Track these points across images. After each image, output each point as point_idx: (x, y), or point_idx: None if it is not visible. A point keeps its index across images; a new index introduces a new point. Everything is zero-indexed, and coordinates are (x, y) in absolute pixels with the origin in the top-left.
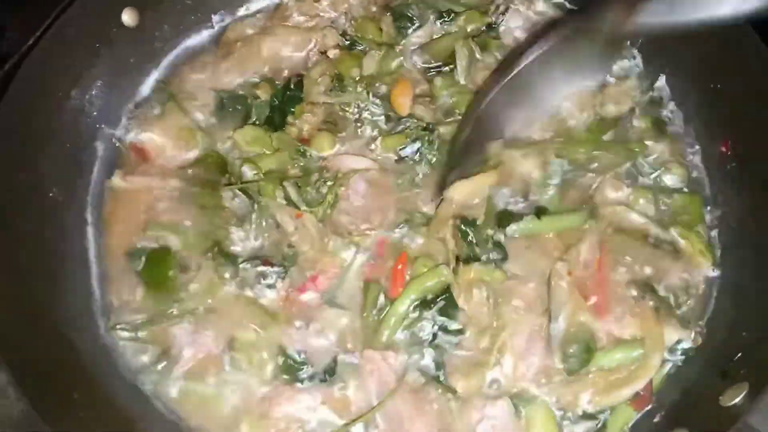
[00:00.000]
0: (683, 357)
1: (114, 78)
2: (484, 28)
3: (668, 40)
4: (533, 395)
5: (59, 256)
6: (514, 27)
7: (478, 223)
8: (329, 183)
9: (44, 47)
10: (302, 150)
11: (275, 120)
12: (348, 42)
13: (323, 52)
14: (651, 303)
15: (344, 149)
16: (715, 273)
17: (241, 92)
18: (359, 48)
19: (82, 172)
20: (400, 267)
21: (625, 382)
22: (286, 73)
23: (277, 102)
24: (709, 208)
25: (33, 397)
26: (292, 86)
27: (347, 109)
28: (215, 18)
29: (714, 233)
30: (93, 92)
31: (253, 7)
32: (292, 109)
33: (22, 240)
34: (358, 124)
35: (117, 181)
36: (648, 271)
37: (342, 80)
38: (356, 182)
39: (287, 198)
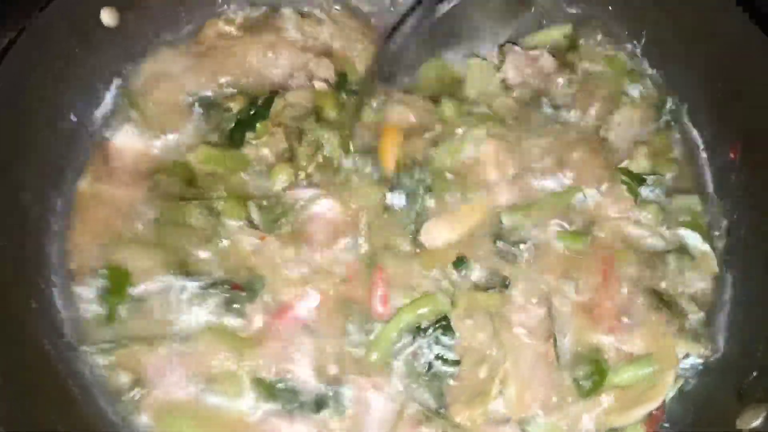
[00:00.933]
0: (695, 373)
1: (92, 80)
2: None
3: (672, 42)
4: (542, 421)
5: (26, 262)
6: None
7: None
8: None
9: (20, 48)
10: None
11: (235, 135)
12: (337, 80)
13: (310, 79)
14: (660, 317)
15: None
16: (725, 284)
17: (213, 99)
18: (345, 91)
19: (56, 178)
20: (380, 285)
21: (639, 401)
22: (263, 87)
23: (241, 117)
24: (716, 215)
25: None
26: (259, 102)
27: (308, 144)
28: (197, 19)
29: (724, 242)
30: (69, 95)
31: (241, 11)
32: (257, 125)
33: None
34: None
35: (84, 185)
36: (655, 284)
37: (318, 116)
38: (318, 214)
39: (249, 220)
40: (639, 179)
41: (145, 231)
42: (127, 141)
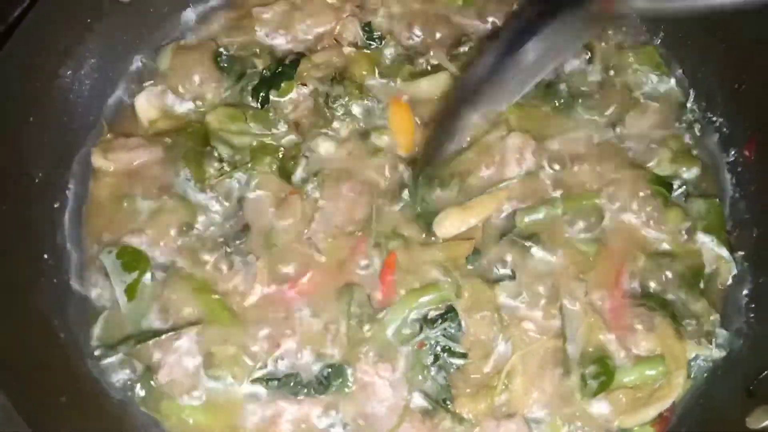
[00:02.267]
0: (705, 373)
1: (105, 55)
2: None
3: (691, 38)
4: (547, 418)
5: (43, 254)
6: None
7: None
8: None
9: (31, 20)
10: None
11: (259, 92)
12: (367, 35)
13: (337, 40)
14: (670, 318)
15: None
16: (736, 283)
17: (239, 56)
18: (377, 45)
19: (67, 154)
20: (388, 270)
21: (649, 401)
22: (290, 47)
23: (268, 74)
24: (729, 214)
25: (15, 396)
26: (287, 62)
27: (335, 104)
28: None
29: (740, 244)
30: (83, 70)
31: None
32: (281, 85)
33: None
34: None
35: (98, 160)
36: (666, 286)
37: (344, 78)
38: (340, 185)
39: (282, 173)
40: (667, 185)
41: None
42: (148, 102)
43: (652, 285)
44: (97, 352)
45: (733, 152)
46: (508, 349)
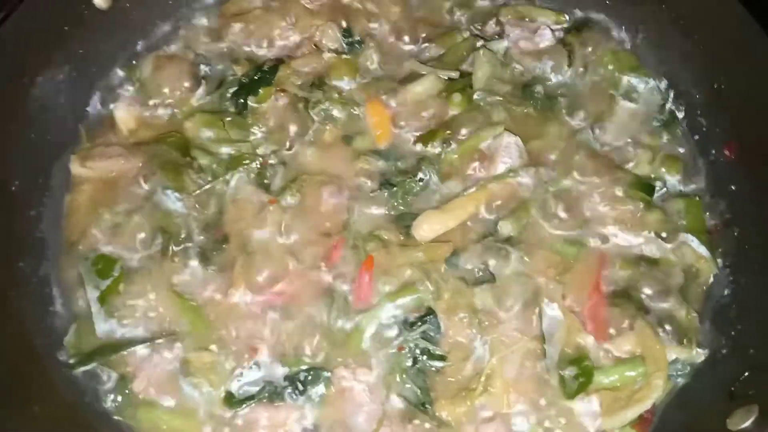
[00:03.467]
0: (686, 374)
1: (84, 63)
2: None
3: (670, 38)
4: (528, 420)
5: (17, 261)
6: (516, 38)
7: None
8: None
9: (10, 28)
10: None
11: (238, 98)
12: (347, 41)
13: (316, 46)
14: (650, 320)
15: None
16: (717, 284)
17: (218, 65)
18: (357, 49)
19: (45, 162)
20: (366, 273)
21: (629, 403)
22: (269, 53)
23: (246, 80)
24: (709, 214)
25: None
26: (265, 68)
27: (314, 108)
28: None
29: (720, 243)
30: (61, 78)
31: None
32: (259, 91)
33: None
34: (323, 126)
35: (76, 168)
36: (646, 286)
37: (323, 83)
38: (319, 190)
39: (259, 181)
40: (649, 188)
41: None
42: (127, 111)
43: (632, 287)
44: (71, 361)
45: (713, 152)
46: (487, 351)
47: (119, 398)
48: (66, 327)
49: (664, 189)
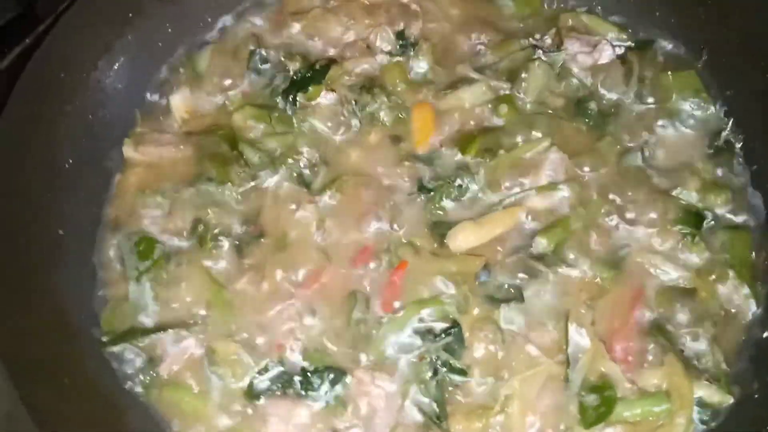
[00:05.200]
0: (714, 418)
1: (144, 51)
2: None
3: (735, 64)
4: None
5: (63, 237)
6: (575, 52)
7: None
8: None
9: (73, 14)
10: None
11: (288, 94)
12: (401, 43)
13: (369, 47)
14: (679, 357)
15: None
16: (756, 324)
17: (273, 61)
18: (410, 51)
19: (99, 144)
20: (397, 278)
21: None
22: (323, 52)
23: (297, 77)
24: (755, 251)
25: (25, 393)
26: (317, 66)
27: (362, 110)
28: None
29: (761, 277)
30: (120, 63)
31: None
32: (309, 88)
33: (28, 211)
34: (369, 127)
35: (128, 150)
36: (680, 320)
37: (373, 85)
38: (359, 191)
39: (300, 179)
40: (698, 218)
41: (185, 190)
42: (182, 101)
43: (665, 319)
44: (104, 339)
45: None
46: (509, 370)
47: (146, 379)
48: (103, 306)
49: (713, 222)
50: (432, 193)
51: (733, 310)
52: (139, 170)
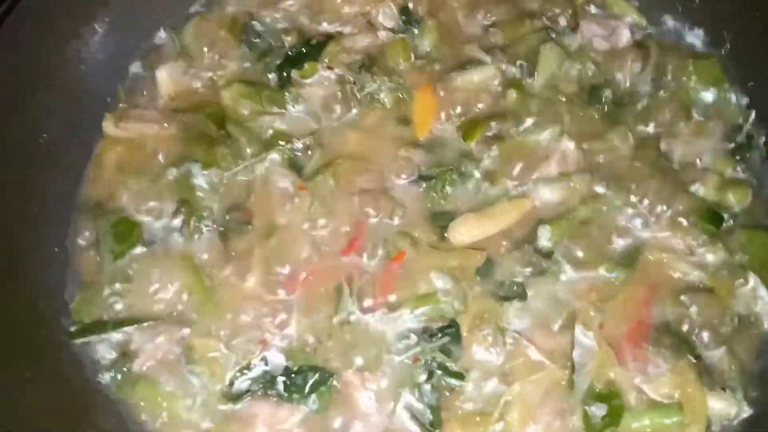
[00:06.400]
0: (729, 430)
1: (128, 22)
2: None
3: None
4: None
5: (35, 215)
6: (591, 35)
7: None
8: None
9: None
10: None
11: (282, 70)
12: (405, 21)
13: (371, 23)
14: (693, 364)
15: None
16: None
17: (265, 34)
18: (414, 28)
19: (78, 118)
20: (392, 271)
21: None
22: (320, 27)
23: (292, 53)
24: None
25: None
26: (314, 42)
27: (361, 89)
28: None
29: None
30: (103, 32)
31: None
32: (304, 65)
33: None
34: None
35: (109, 127)
36: (695, 323)
37: (373, 63)
38: (354, 177)
39: (291, 163)
40: (717, 218)
41: (167, 171)
42: (169, 76)
43: (679, 322)
44: (72, 329)
45: None
46: (510, 375)
47: (118, 376)
48: (74, 294)
49: (732, 221)
50: (433, 181)
51: (751, 314)
52: (120, 148)
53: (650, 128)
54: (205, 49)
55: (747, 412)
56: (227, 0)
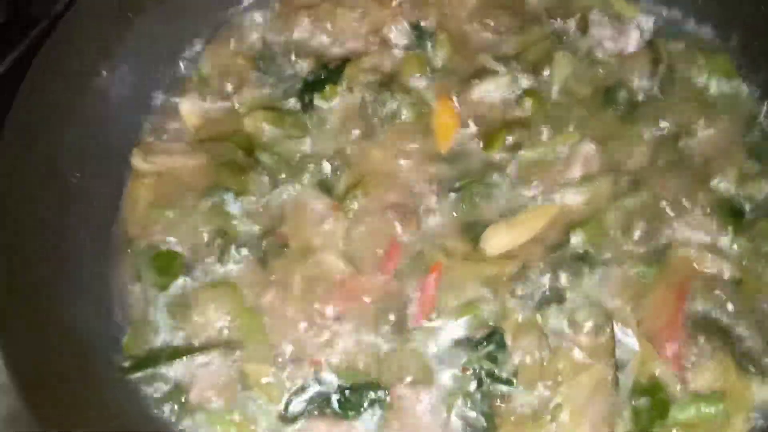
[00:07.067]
0: None
1: (147, 55)
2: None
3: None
4: None
5: (74, 256)
6: (601, 38)
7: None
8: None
9: (70, 18)
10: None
11: (304, 96)
12: (417, 34)
13: (385, 41)
14: (731, 353)
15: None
16: None
17: (282, 60)
18: (427, 43)
19: (107, 155)
20: (431, 282)
21: None
22: (335, 48)
23: (311, 78)
24: None
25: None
26: (332, 66)
27: (381, 108)
28: None
29: None
30: (123, 68)
31: None
32: (325, 88)
33: (36, 229)
34: (390, 126)
35: (138, 161)
36: (729, 317)
37: (391, 81)
38: (384, 194)
39: (322, 184)
40: (737, 212)
41: (200, 202)
42: (191, 107)
43: (715, 315)
44: (125, 365)
45: None
46: (557, 377)
47: (175, 407)
48: (123, 330)
49: (754, 212)
50: (460, 192)
51: None
52: (150, 181)
53: (667, 126)
54: (223, 78)
55: None
56: (242, 27)
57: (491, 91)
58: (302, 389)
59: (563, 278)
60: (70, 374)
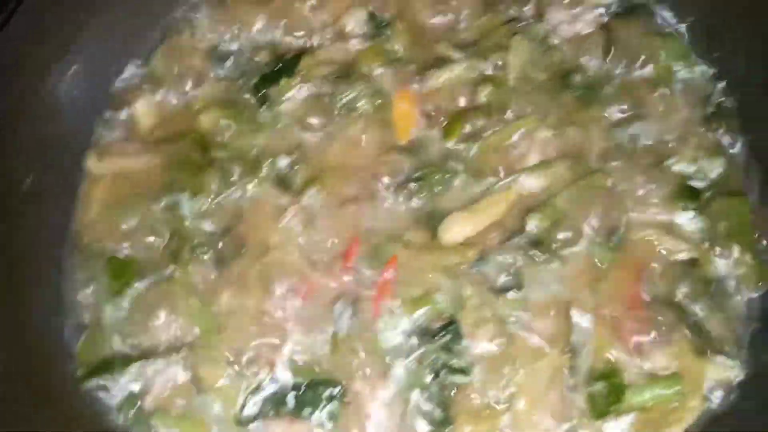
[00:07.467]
0: (724, 394)
1: (100, 55)
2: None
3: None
4: None
5: (25, 261)
6: (557, 22)
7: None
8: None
9: (20, 18)
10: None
11: (259, 89)
12: (374, 26)
13: (341, 33)
14: (687, 334)
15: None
16: (764, 294)
17: (236, 53)
18: (384, 33)
19: (60, 158)
20: (388, 276)
21: (660, 425)
22: (290, 41)
23: (267, 71)
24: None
25: None
26: (287, 57)
27: (339, 100)
28: None
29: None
30: (75, 68)
31: None
32: (280, 82)
33: None
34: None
35: (92, 164)
36: (685, 298)
37: (349, 73)
38: (342, 188)
39: (278, 180)
40: (692, 194)
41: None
42: (146, 107)
43: (670, 297)
44: (79, 373)
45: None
46: (513, 365)
47: (130, 413)
48: (75, 337)
49: (710, 191)
50: (419, 183)
51: (736, 279)
52: (105, 184)
53: (623, 108)
54: (177, 76)
55: (739, 376)
56: (194, 24)
57: (449, 79)
58: (258, 389)
59: (521, 264)
60: (21, 381)
